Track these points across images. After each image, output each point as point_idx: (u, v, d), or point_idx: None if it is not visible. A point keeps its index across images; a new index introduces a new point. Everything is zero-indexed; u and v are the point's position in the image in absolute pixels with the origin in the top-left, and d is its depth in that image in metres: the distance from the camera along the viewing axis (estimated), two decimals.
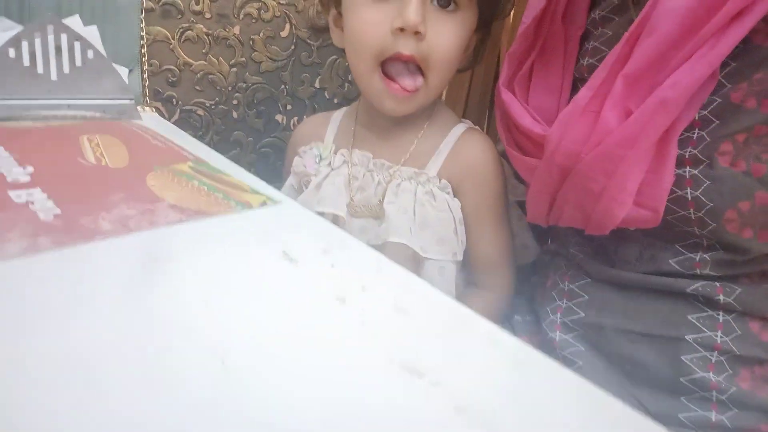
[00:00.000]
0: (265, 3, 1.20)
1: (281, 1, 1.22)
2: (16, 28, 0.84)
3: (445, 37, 0.62)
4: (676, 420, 0.56)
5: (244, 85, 1.23)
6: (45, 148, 0.49)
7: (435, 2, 0.62)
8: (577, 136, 0.56)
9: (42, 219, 0.36)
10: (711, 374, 0.55)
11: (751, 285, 0.56)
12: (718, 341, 0.55)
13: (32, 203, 0.39)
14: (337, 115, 0.78)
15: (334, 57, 1.32)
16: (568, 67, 0.66)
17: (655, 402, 0.58)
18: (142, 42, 1.03)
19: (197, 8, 1.13)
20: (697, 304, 0.57)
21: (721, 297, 0.56)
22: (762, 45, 0.49)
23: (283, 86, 1.28)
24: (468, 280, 0.73)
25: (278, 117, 1.29)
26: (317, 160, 0.72)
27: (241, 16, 1.18)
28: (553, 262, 0.73)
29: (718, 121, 0.52)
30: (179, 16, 1.12)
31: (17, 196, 0.39)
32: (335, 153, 0.72)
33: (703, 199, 0.52)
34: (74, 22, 0.82)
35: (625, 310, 0.61)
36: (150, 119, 0.90)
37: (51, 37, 0.79)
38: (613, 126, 0.53)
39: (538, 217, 0.64)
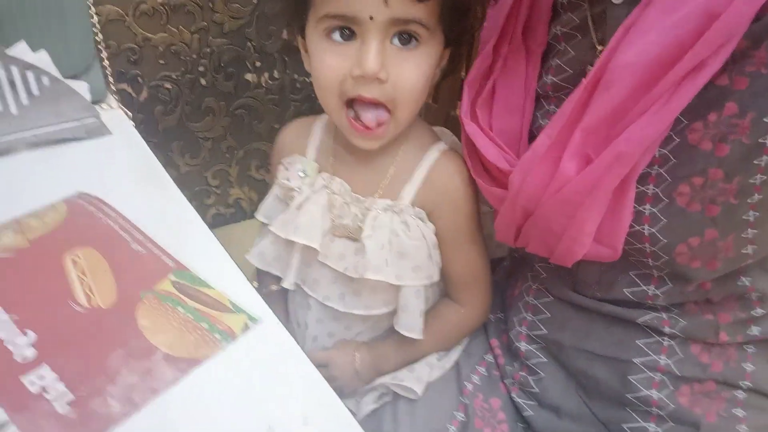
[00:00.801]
0: None
1: None
2: None
3: (409, 75, 0.60)
4: (620, 429, 0.63)
5: (209, 50, 1.17)
6: (33, 286, 0.50)
7: (396, 41, 0.58)
8: (537, 181, 0.57)
9: (60, 412, 0.39)
10: (654, 391, 0.61)
11: (695, 314, 0.61)
12: (662, 363, 0.60)
13: (46, 391, 0.40)
14: (318, 124, 0.76)
15: None
16: (530, 84, 0.65)
17: (605, 411, 0.65)
18: (95, 29, 0.97)
19: None
20: (646, 330, 0.62)
21: (667, 328, 0.60)
22: (711, 83, 0.48)
23: (249, 44, 1.22)
24: (442, 291, 0.77)
25: (248, 76, 1.25)
26: (300, 175, 0.73)
27: None
28: (520, 270, 0.76)
29: (675, 160, 0.52)
30: None
31: (31, 383, 0.41)
32: (317, 172, 0.72)
33: (658, 235, 0.54)
34: (21, 50, 0.77)
35: (582, 331, 0.66)
36: (117, 127, 0.88)
37: (1, 72, 0.75)
38: (572, 174, 0.54)
39: (506, 240, 0.66)
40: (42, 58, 0.79)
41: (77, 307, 0.47)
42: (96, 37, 0.97)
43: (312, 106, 1.37)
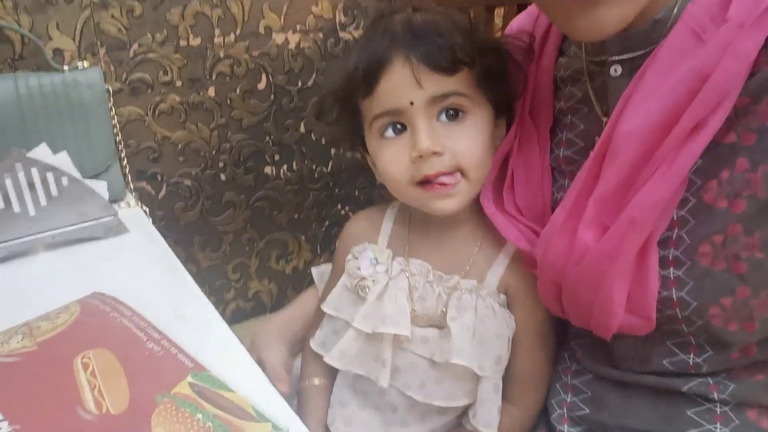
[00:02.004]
0: (237, 59, 1.14)
1: (254, 53, 1.16)
2: None
3: (464, 144, 0.62)
4: None
5: (228, 145, 1.18)
6: (39, 392, 0.46)
7: (443, 117, 0.61)
8: (558, 254, 0.57)
9: None
10: None
11: (744, 378, 0.58)
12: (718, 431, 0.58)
13: None
14: (389, 214, 0.75)
15: (317, 98, 1.27)
16: (544, 160, 0.65)
17: None
18: (116, 130, 0.98)
19: (166, 78, 1.08)
20: (694, 399, 0.59)
21: (716, 394, 0.57)
22: (721, 142, 0.49)
23: (267, 138, 1.23)
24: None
25: (267, 169, 1.25)
26: (372, 263, 0.70)
27: (214, 76, 1.13)
28: (557, 352, 0.73)
29: (694, 221, 0.52)
30: (149, 91, 1.07)
31: None
32: (392, 259, 0.70)
33: (687, 298, 0.53)
34: (42, 152, 0.78)
35: (625, 407, 0.63)
36: (135, 224, 0.87)
37: (21, 174, 0.75)
38: (591, 244, 0.54)
39: (556, 314, 0.64)
40: (62, 159, 0.79)
41: (86, 414, 0.43)
42: (116, 138, 0.98)
43: (330, 195, 1.36)
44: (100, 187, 0.84)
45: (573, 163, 0.63)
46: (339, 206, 1.39)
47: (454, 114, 0.61)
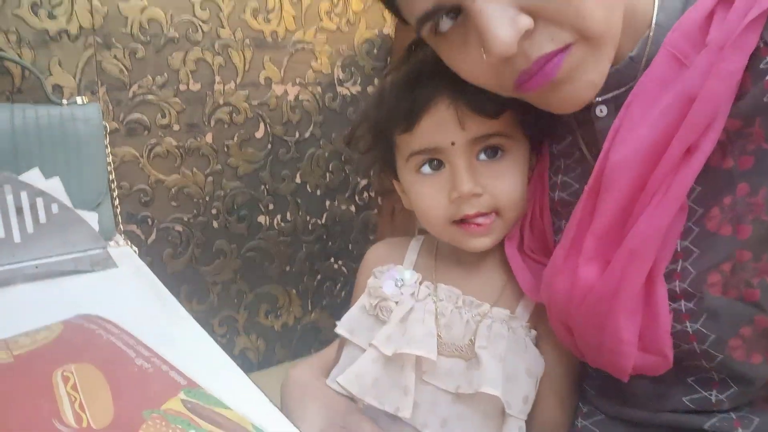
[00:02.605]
0: (236, 106, 1.14)
1: (253, 102, 1.16)
2: None
3: (504, 185, 0.61)
4: None
5: (223, 193, 1.16)
6: (12, 405, 0.42)
7: (482, 156, 0.61)
8: (561, 294, 0.55)
9: None
10: None
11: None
12: None
13: None
14: (415, 243, 0.73)
15: (313, 149, 1.27)
16: (543, 202, 0.65)
17: None
18: (109, 169, 0.96)
19: (164, 122, 1.07)
20: None
21: (740, 430, 0.54)
22: (718, 168, 0.49)
23: (263, 186, 1.22)
24: None
25: (261, 218, 1.23)
26: (398, 284, 0.66)
27: (212, 123, 1.12)
28: None
29: (699, 251, 0.51)
30: (146, 133, 1.06)
31: None
32: (420, 283, 0.67)
33: (704, 331, 0.50)
34: (33, 176, 0.76)
35: None
36: (124, 259, 0.83)
37: (10, 198, 0.72)
38: (593, 280, 0.52)
39: (577, 355, 0.61)
40: (54, 185, 0.77)
41: (63, 427, 0.38)
42: (109, 177, 0.96)
43: (323, 248, 1.33)
44: (91, 218, 0.81)
45: (568, 206, 0.62)
46: (332, 260, 1.36)
47: (494, 152, 0.61)
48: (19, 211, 0.73)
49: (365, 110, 0.69)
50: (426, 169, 0.62)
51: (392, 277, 0.66)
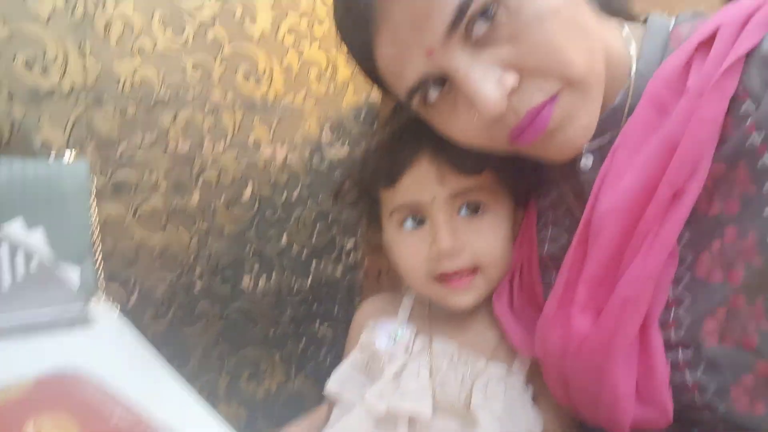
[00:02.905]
0: (224, 167, 1.15)
1: (241, 163, 1.17)
2: None
3: (486, 240, 0.61)
4: None
5: (207, 253, 1.15)
6: None
7: (463, 212, 0.61)
8: (555, 345, 0.54)
9: None
10: None
11: None
12: None
13: None
14: (408, 297, 0.71)
15: (300, 211, 1.26)
16: (532, 257, 0.64)
17: None
18: (93, 227, 0.95)
19: (152, 181, 1.07)
20: None
21: None
22: (706, 214, 0.49)
23: (248, 247, 1.20)
24: None
25: (245, 280, 1.21)
26: (392, 338, 0.64)
27: (200, 183, 1.12)
28: None
29: (691, 298, 0.50)
30: (133, 191, 1.05)
31: None
32: (414, 336, 0.65)
33: (704, 381, 0.49)
34: (16, 227, 0.74)
35: None
36: (105, 317, 0.81)
37: None
38: (586, 330, 0.52)
39: (571, 412, 0.59)
40: (36, 237, 0.75)
41: None
42: (93, 234, 0.94)
43: (308, 310, 1.31)
44: (72, 273, 0.79)
45: (557, 260, 0.61)
46: (317, 323, 1.33)
47: (475, 208, 0.61)
48: None
49: (352, 166, 0.69)
50: (408, 224, 0.62)
51: (386, 332, 0.65)
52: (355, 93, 1.33)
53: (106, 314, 0.82)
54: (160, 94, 1.06)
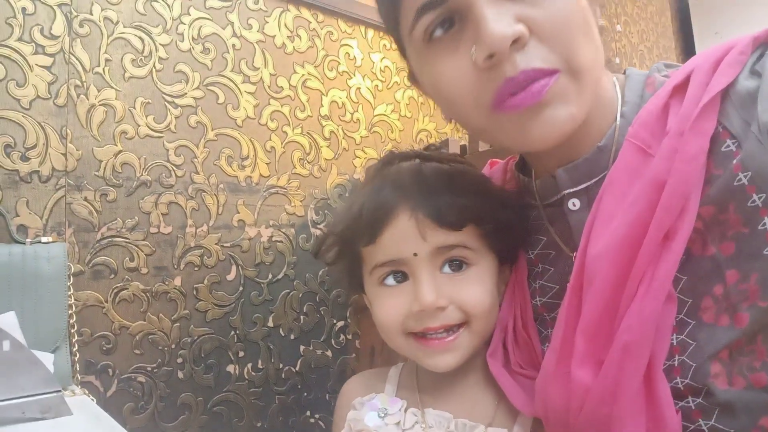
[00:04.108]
0: (207, 249, 1.12)
1: (225, 244, 1.14)
2: None
3: (471, 292, 0.59)
4: None
5: (190, 339, 1.09)
6: None
7: (446, 269, 0.60)
8: (558, 403, 0.52)
9: None
10: None
11: None
12: None
13: None
14: (395, 370, 0.68)
15: (287, 291, 1.23)
16: (526, 312, 0.63)
17: None
18: (70, 311, 0.90)
19: (132, 264, 1.03)
20: None
21: None
22: (701, 256, 0.48)
23: (233, 332, 1.15)
24: None
25: (230, 368, 1.15)
26: (380, 415, 0.60)
27: (182, 266, 1.09)
28: None
29: (695, 344, 0.49)
30: (112, 276, 1.01)
31: None
32: (405, 410, 0.61)
33: (720, 427, 0.47)
34: None
35: None
36: (80, 407, 0.75)
37: None
38: (588, 383, 0.50)
39: None
40: (8, 321, 0.71)
41: None
42: (69, 321, 0.90)
43: (298, 399, 1.24)
44: (46, 359, 0.74)
45: (552, 309, 0.60)
46: (308, 413, 1.25)
47: (457, 265, 0.60)
48: None
49: (332, 224, 0.68)
50: (390, 281, 0.61)
51: (374, 408, 0.62)
52: (339, 174, 1.34)
53: (82, 405, 0.76)
54: (141, 178, 1.05)
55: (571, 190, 0.57)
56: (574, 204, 0.57)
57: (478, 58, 0.48)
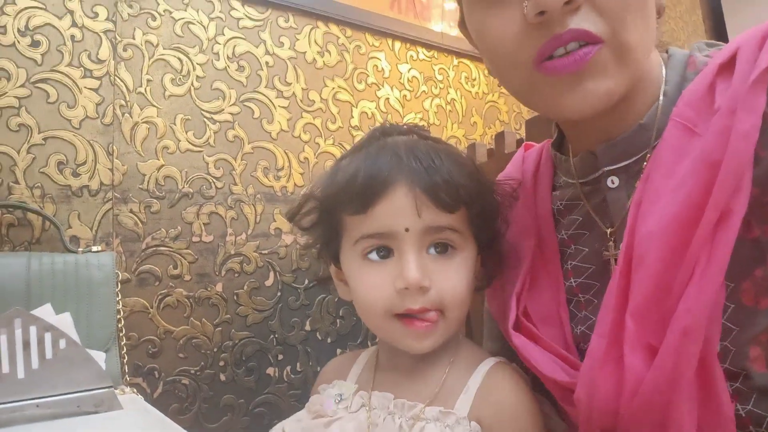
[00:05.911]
0: (247, 256, 1.17)
1: (263, 251, 1.19)
2: None
3: (451, 281, 0.59)
4: None
5: (231, 343, 1.14)
6: None
7: (432, 251, 0.60)
8: (607, 391, 0.50)
9: None
10: None
11: None
12: None
13: None
14: (364, 354, 0.70)
15: (323, 296, 1.27)
16: (558, 295, 0.62)
17: None
18: (119, 316, 0.96)
19: (176, 272, 1.09)
20: None
21: None
22: (745, 238, 0.47)
23: (272, 336, 1.20)
24: None
25: (270, 370, 1.19)
26: (336, 401, 0.62)
27: (223, 272, 1.14)
28: None
29: (737, 328, 0.48)
30: (157, 283, 1.07)
31: None
32: (356, 394, 0.63)
33: (757, 411, 0.47)
34: (45, 311, 0.76)
35: None
36: (130, 403, 0.80)
37: (19, 332, 0.71)
38: (643, 370, 0.48)
39: None
40: (64, 321, 0.76)
41: None
42: (118, 326, 0.96)
43: None
44: (98, 357, 0.79)
45: (589, 289, 0.60)
46: None
47: (444, 248, 0.60)
48: (26, 345, 0.71)
49: (314, 187, 0.66)
50: (374, 256, 0.60)
51: (332, 395, 0.64)
52: None
53: (132, 401, 0.81)
54: (183, 190, 1.11)
55: (611, 167, 0.56)
56: (612, 182, 0.56)
57: (529, 12, 0.48)
